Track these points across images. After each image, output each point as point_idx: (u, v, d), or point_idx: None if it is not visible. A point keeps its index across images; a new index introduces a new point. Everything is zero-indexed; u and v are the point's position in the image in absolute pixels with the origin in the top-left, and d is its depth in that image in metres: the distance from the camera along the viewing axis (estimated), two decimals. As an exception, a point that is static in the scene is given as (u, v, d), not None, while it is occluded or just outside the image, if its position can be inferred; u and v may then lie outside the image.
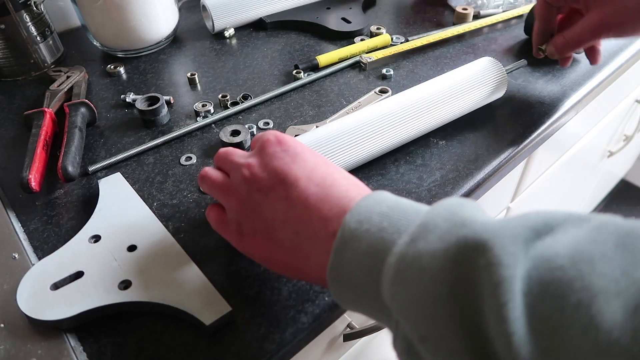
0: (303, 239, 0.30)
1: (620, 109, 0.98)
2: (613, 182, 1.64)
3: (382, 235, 0.26)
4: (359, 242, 0.27)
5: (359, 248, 0.27)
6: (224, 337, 0.34)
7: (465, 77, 0.49)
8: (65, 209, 0.43)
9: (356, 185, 0.32)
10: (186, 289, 0.35)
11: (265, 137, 0.34)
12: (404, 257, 0.24)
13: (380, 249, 0.26)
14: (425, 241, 0.24)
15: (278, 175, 0.32)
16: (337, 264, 0.27)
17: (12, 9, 0.57)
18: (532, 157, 0.68)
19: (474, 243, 0.22)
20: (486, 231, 0.22)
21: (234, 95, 0.57)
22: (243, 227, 0.33)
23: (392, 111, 0.44)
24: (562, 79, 0.57)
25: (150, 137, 0.51)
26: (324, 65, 0.61)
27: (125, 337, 0.34)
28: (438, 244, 0.23)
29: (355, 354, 0.58)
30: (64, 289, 0.35)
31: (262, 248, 0.33)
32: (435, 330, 0.22)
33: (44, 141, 0.47)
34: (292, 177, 0.31)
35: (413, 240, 0.24)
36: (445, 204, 0.26)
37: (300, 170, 0.32)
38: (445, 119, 0.48)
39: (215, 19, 0.67)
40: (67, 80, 0.57)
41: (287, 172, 0.32)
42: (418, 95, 0.46)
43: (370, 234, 0.27)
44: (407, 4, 0.76)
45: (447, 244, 0.23)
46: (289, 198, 0.31)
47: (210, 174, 0.36)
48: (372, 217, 0.27)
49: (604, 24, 0.46)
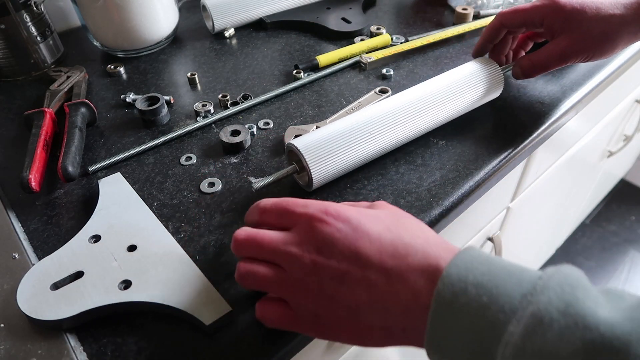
0: (395, 316, 0.29)
1: (620, 109, 0.98)
2: (613, 182, 1.64)
3: (484, 313, 0.25)
4: (459, 319, 0.26)
5: (459, 322, 0.26)
6: (224, 337, 0.34)
7: (461, 76, 0.49)
8: (65, 209, 0.43)
9: (428, 241, 0.30)
10: (186, 289, 0.35)
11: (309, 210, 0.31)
12: (522, 353, 0.23)
13: (485, 329, 0.25)
14: (544, 338, 0.23)
15: (348, 257, 0.29)
16: (436, 338, 0.26)
17: (12, 9, 0.57)
18: (532, 157, 0.68)
19: (605, 352, 0.21)
20: (616, 337, 0.21)
21: (234, 95, 0.57)
22: (322, 319, 0.31)
23: (389, 112, 0.44)
24: (562, 79, 0.57)
25: (150, 137, 0.51)
26: (324, 65, 0.61)
27: (125, 337, 0.34)
28: (560, 344, 0.23)
29: (355, 354, 0.58)
30: (64, 289, 0.35)
31: (350, 334, 0.30)
32: None
33: (44, 141, 0.47)
34: (364, 255, 0.29)
35: (529, 334, 0.23)
36: (553, 285, 0.25)
37: (368, 244, 0.29)
38: (442, 119, 0.48)
39: (215, 19, 0.67)
40: (67, 80, 0.57)
41: (357, 252, 0.29)
42: (415, 96, 0.46)
43: (471, 308, 0.25)
44: (407, 4, 0.76)
45: (572, 348, 0.22)
46: (368, 279, 0.29)
47: (255, 270, 0.32)
48: (467, 288, 0.26)
49: (572, 50, 0.46)
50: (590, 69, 0.58)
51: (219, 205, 0.43)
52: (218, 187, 0.45)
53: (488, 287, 0.26)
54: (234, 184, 0.45)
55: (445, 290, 0.26)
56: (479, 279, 0.26)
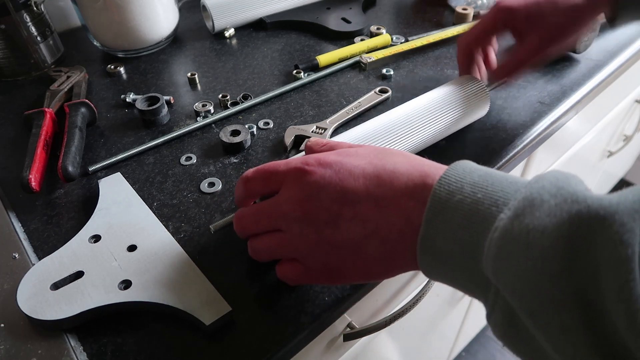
0: (391, 242, 0.29)
1: (620, 109, 0.98)
2: (613, 182, 1.64)
3: (477, 207, 0.26)
4: (452, 213, 0.26)
5: (453, 219, 0.26)
6: (224, 337, 0.34)
7: (445, 99, 0.47)
8: (65, 209, 0.43)
9: (412, 163, 0.30)
10: (186, 289, 0.35)
11: (291, 165, 0.32)
12: (509, 233, 0.24)
13: (478, 222, 0.25)
14: (532, 216, 0.23)
15: (336, 199, 0.30)
16: (429, 235, 0.27)
17: (12, 9, 0.57)
18: (532, 157, 0.68)
19: (590, 220, 0.21)
20: (602, 207, 0.21)
21: (234, 95, 0.57)
22: (329, 265, 0.32)
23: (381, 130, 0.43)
24: (562, 79, 0.57)
25: (150, 137, 0.51)
26: (324, 65, 0.61)
27: (125, 337, 0.34)
28: (547, 219, 0.23)
29: (355, 354, 0.58)
30: (64, 289, 0.35)
31: (357, 272, 0.32)
32: (544, 306, 0.22)
33: (44, 141, 0.47)
34: (351, 192, 0.30)
35: (518, 216, 0.24)
36: (549, 177, 0.25)
37: (353, 181, 0.30)
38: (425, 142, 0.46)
39: (215, 19, 0.67)
40: (67, 80, 0.57)
41: (344, 191, 0.30)
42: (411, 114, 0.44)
43: (465, 205, 0.26)
44: (407, 4, 0.76)
45: (559, 220, 0.22)
46: (360, 214, 0.30)
47: (259, 245, 0.34)
48: (463, 187, 0.27)
49: (543, 43, 0.46)
50: (590, 69, 0.58)
51: (219, 205, 0.43)
52: (218, 187, 0.45)
53: (484, 185, 0.26)
54: (234, 184, 0.45)
55: (441, 189, 0.27)
56: (476, 179, 0.27)
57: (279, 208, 0.32)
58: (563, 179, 0.25)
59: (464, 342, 1.23)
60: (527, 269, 0.23)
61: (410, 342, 0.79)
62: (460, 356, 1.30)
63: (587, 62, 0.59)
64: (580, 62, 0.60)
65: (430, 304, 0.72)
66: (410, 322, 0.70)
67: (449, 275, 0.28)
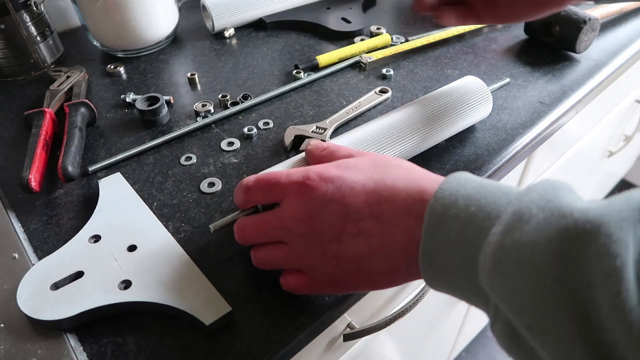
0: (395, 257, 0.30)
1: (620, 109, 0.98)
2: (613, 182, 1.64)
3: (471, 221, 0.26)
4: (449, 227, 0.27)
5: (449, 234, 0.26)
6: (224, 337, 0.34)
7: (448, 101, 0.46)
8: (65, 209, 0.43)
9: (411, 177, 0.31)
10: (186, 289, 0.35)
11: (292, 179, 0.32)
12: (501, 248, 0.24)
13: (473, 236, 0.26)
14: (522, 232, 0.23)
15: (339, 217, 0.31)
16: (429, 250, 0.27)
17: (12, 9, 0.57)
18: (532, 157, 0.68)
19: (577, 234, 0.21)
20: (589, 221, 0.21)
21: (234, 95, 0.57)
22: (334, 278, 0.32)
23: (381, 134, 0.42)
24: (562, 79, 0.57)
25: (150, 137, 0.51)
26: (324, 65, 0.61)
27: (125, 337, 0.34)
28: (536, 235, 0.23)
29: (355, 354, 0.58)
30: (64, 289, 0.35)
31: (362, 283, 0.32)
32: (541, 320, 0.22)
33: (44, 141, 0.47)
34: (353, 209, 0.30)
35: (508, 231, 0.24)
36: (537, 188, 0.25)
37: (355, 198, 0.31)
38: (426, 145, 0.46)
39: (215, 19, 0.67)
40: (67, 80, 0.57)
41: (346, 208, 0.31)
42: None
43: (459, 219, 0.26)
44: (407, 4, 0.76)
45: (548, 236, 0.22)
46: (363, 231, 0.30)
47: (263, 255, 0.34)
48: (457, 201, 0.27)
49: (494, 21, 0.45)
50: (590, 69, 0.58)
51: (219, 205, 0.43)
52: (218, 187, 0.45)
53: (477, 198, 0.27)
54: (234, 184, 0.45)
55: (436, 204, 0.27)
56: (470, 192, 0.27)
57: (283, 224, 0.33)
58: (551, 189, 0.25)
59: (464, 343, 1.23)
60: (522, 284, 0.23)
61: (410, 342, 0.79)
62: (461, 356, 1.30)
63: (587, 62, 0.59)
64: (580, 62, 0.60)
65: (430, 304, 0.72)
66: (410, 323, 0.70)
67: (452, 287, 0.28)
